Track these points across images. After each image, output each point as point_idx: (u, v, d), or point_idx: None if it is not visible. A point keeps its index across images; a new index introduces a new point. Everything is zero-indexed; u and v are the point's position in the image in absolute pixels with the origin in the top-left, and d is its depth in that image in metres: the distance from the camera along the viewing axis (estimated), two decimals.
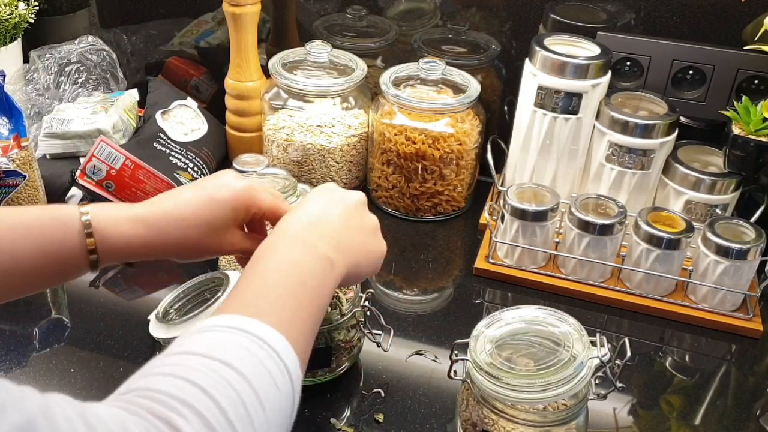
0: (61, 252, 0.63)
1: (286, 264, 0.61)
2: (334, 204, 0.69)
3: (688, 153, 1.05)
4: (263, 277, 0.60)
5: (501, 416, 0.72)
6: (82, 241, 0.63)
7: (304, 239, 0.64)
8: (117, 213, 0.65)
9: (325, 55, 1.17)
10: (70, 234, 0.63)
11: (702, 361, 0.95)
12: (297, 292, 0.59)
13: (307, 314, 0.59)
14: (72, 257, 0.63)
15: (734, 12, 1.05)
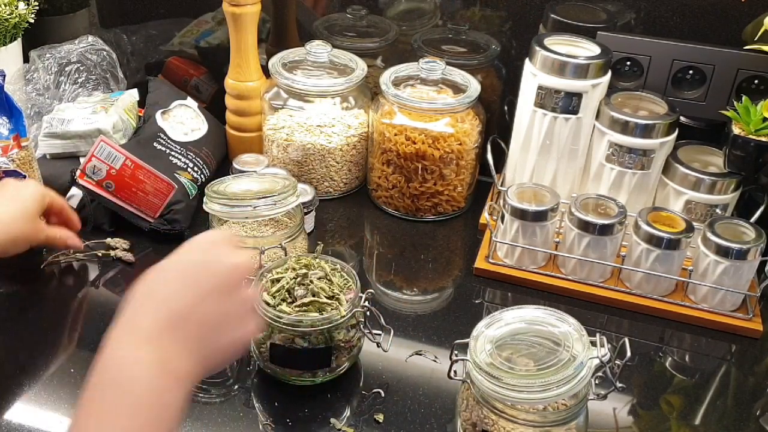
0: None
1: (135, 389, 0.53)
2: (207, 295, 0.58)
3: (688, 153, 1.05)
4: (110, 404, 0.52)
5: (501, 416, 0.72)
6: None
7: (161, 356, 0.54)
8: None
9: (325, 55, 1.17)
10: None
11: (702, 361, 0.95)
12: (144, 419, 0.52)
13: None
14: None
15: (734, 12, 1.05)
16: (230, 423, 0.80)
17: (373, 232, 1.16)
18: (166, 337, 0.55)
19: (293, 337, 0.80)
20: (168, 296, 0.57)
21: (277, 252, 0.92)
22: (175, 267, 0.60)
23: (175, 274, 0.59)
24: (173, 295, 0.57)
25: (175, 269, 0.60)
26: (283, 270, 0.85)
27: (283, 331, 0.80)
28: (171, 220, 1.07)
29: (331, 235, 1.13)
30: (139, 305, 0.57)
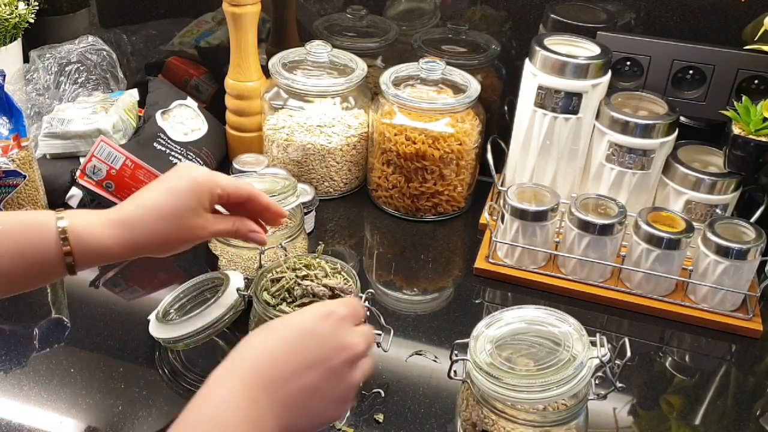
0: (39, 257, 0.66)
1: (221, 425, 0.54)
2: (313, 366, 0.59)
3: (688, 153, 1.05)
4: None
5: (501, 416, 0.72)
6: (58, 246, 0.66)
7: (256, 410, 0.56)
8: (91, 217, 0.68)
9: (325, 55, 1.17)
10: (47, 239, 0.66)
11: (702, 361, 0.95)
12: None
13: None
14: (49, 262, 0.66)
15: (734, 12, 1.05)
16: None
17: (373, 232, 1.16)
18: (262, 395, 0.56)
19: None
20: (274, 357, 0.59)
21: (277, 252, 0.92)
22: (291, 329, 0.61)
23: (288, 335, 0.60)
24: (279, 357, 0.59)
25: (290, 331, 0.61)
26: (284, 269, 0.86)
27: None
28: None
29: (331, 235, 1.13)
30: (247, 355, 0.59)
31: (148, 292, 1.01)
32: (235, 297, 0.86)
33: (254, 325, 0.83)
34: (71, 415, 0.80)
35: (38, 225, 0.66)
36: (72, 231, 0.66)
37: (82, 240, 0.67)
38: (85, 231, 0.67)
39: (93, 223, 0.68)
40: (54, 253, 0.66)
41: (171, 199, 0.70)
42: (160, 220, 0.70)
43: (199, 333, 0.85)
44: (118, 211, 0.70)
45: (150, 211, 0.70)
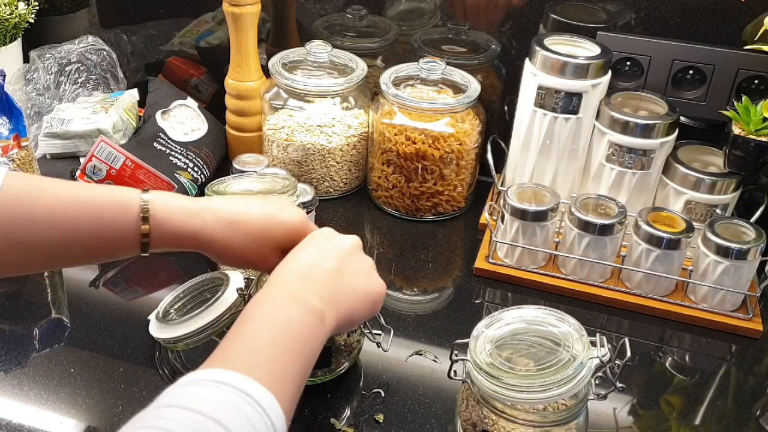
0: (117, 233, 0.67)
1: (276, 319, 0.61)
2: (326, 254, 0.69)
3: (688, 153, 1.05)
4: (253, 332, 0.60)
5: (501, 416, 0.72)
6: (137, 225, 0.67)
7: (295, 293, 0.64)
8: (176, 203, 0.70)
9: (325, 55, 1.17)
10: (128, 217, 0.67)
11: (702, 361, 0.95)
12: (286, 348, 0.60)
13: (295, 369, 0.59)
14: (126, 239, 0.68)
15: (734, 12, 1.05)
16: None
17: (373, 232, 1.16)
18: (299, 284, 0.65)
19: None
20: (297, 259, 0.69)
21: None
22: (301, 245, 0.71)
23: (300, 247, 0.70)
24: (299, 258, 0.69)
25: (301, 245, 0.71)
26: None
27: None
28: None
29: None
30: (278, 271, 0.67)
31: (148, 292, 1.01)
32: (235, 297, 0.86)
33: None
34: (71, 415, 0.81)
35: (123, 202, 0.67)
36: (154, 213, 0.68)
37: (161, 223, 0.68)
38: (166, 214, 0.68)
39: (177, 209, 0.69)
40: (132, 232, 0.67)
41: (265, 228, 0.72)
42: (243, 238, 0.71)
43: (199, 333, 0.85)
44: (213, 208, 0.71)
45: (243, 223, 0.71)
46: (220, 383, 0.54)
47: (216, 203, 0.72)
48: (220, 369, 0.55)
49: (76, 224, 0.66)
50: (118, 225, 0.67)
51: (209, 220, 0.70)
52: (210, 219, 0.70)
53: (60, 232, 0.65)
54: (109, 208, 0.67)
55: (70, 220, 0.65)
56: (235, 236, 0.71)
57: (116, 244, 0.68)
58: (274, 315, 0.62)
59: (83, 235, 0.66)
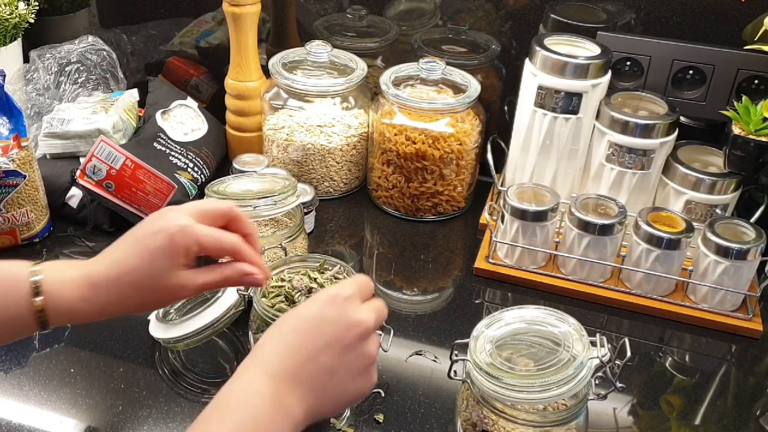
0: (9, 311, 0.63)
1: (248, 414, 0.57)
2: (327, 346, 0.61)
3: (688, 153, 1.05)
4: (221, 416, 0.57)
5: (501, 416, 0.72)
6: (30, 301, 0.63)
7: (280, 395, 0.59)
8: (65, 273, 0.65)
9: (325, 55, 1.17)
10: (19, 294, 0.63)
11: (702, 361, 0.95)
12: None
13: None
14: (20, 317, 0.64)
15: (734, 12, 1.05)
16: None
17: (373, 232, 1.16)
18: (283, 381, 0.59)
19: None
20: (289, 347, 0.61)
21: (277, 252, 0.92)
22: (302, 319, 0.63)
23: (299, 325, 0.62)
24: (294, 345, 0.61)
25: (302, 321, 0.63)
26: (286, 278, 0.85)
27: None
28: None
29: (331, 235, 1.13)
30: (266, 348, 0.61)
31: None
32: (235, 297, 0.86)
33: (254, 326, 0.83)
34: (71, 415, 0.81)
35: (12, 278, 0.64)
36: (45, 287, 0.64)
37: (54, 298, 0.64)
38: (57, 290, 0.64)
39: (65, 280, 0.65)
40: (26, 309, 0.64)
41: (145, 262, 0.65)
42: (133, 286, 0.65)
43: (199, 333, 0.85)
44: (94, 268, 0.66)
45: (123, 274, 0.65)
46: None
47: (97, 263, 0.67)
48: None
49: None
50: (9, 303, 0.63)
51: (97, 284, 0.65)
52: (98, 283, 0.65)
53: None
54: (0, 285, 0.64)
55: None
56: (124, 289, 0.66)
57: (11, 323, 0.64)
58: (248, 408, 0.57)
59: None
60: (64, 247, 1.06)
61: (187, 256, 0.67)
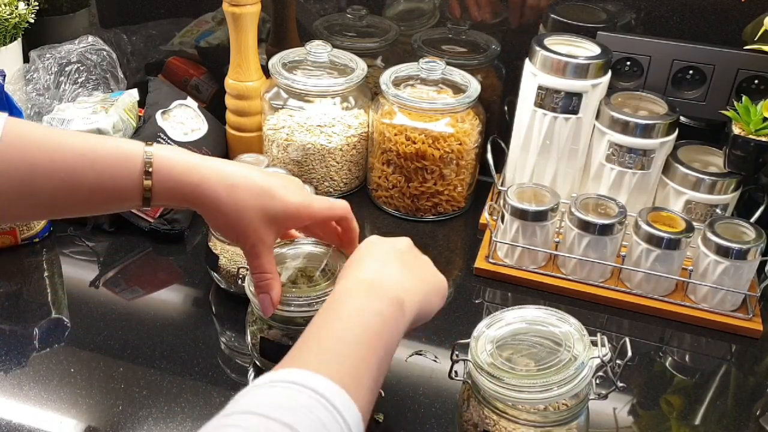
0: (118, 186, 0.67)
1: (353, 312, 0.61)
2: (387, 253, 0.71)
3: (688, 153, 1.05)
4: (330, 328, 0.60)
5: (502, 416, 0.72)
6: (140, 179, 0.67)
7: (372, 286, 0.65)
8: (178, 156, 0.69)
9: (325, 55, 1.17)
10: (131, 171, 0.67)
11: (702, 361, 0.95)
12: (364, 342, 0.59)
13: (373, 366, 0.59)
14: (128, 192, 0.68)
15: (734, 12, 1.05)
16: None
17: (373, 232, 1.15)
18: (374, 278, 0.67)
19: (282, 335, 0.80)
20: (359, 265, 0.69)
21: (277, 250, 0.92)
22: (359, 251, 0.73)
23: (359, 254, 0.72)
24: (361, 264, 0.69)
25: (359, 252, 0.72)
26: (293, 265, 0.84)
27: (273, 327, 0.80)
28: (171, 220, 1.07)
29: None
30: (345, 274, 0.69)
31: (148, 292, 1.00)
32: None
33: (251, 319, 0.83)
34: (71, 415, 0.80)
35: (126, 155, 0.67)
36: (157, 167, 0.68)
37: (163, 177, 0.68)
38: (168, 169, 0.68)
39: (179, 163, 0.69)
40: (136, 185, 0.67)
41: (259, 202, 0.71)
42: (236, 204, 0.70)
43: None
44: (215, 167, 0.70)
45: (232, 200, 0.70)
46: (292, 383, 0.53)
47: (219, 163, 0.71)
48: (294, 369, 0.54)
49: (76, 176, 0.65)
50: (120, 178, 0.67)
51: (210, 177, 0.69)
52: (210, 176, 0.69)
53: (60, 184, 0.65)
54: (112, 161, 0.67)
55: (70, 172, 0.65)
56: (232, 200, 0.69)
57: (118, 197, 0.68)
58: (352, 308, 0.62)
59: (84, 187, 0.66)
60: (64, 247, 1.06)
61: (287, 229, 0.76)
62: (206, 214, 0.72)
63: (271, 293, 0.74)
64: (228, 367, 0.88)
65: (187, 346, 0.90)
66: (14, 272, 1.01)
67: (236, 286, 0.95)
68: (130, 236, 1.08)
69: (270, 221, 0.72)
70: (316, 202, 0.75)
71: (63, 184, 0.65)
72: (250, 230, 0.71)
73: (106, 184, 0.67)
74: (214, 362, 0.89)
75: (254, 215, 0.71)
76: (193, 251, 1.07)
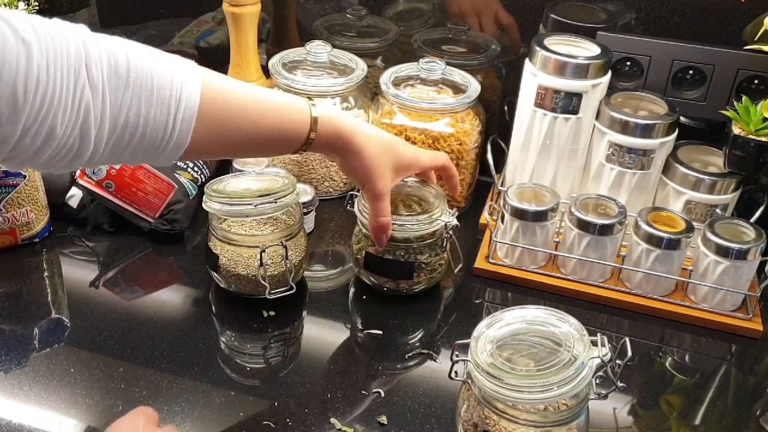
0: (291, 131, 0.80)
1: None
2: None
3: (688, 153, 1.06)
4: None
5: (502, 417, 0.72)
6: (307, 129, 0.81)
7: None
8: (332, 112, 0.84)
9: (325, 55, 1.17)
10: (303, 121, 0.81)
11: (702, 361, 0.95)
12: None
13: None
14: (296, 136, 0.81)
15: (734, 12, 1.05)
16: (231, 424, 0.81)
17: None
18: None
19: (384, 250, 0.95)
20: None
21: (277, 250, 0.92)
22: None
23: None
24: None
25: None
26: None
27: None
28: (171, 220, 1.07)
29: (331, 235, 1.13)
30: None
31: (148, 292, 1.01)
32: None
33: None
34: (71, 415, 0.80)
35: (298, 107, 0.81)
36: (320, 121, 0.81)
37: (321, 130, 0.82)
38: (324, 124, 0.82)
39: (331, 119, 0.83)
40: (303, 134, 0.81)
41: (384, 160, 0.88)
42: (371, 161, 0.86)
43: None
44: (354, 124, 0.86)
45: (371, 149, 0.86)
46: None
47: (354, 118, 0.89)
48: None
49: (263, 120, 0.77)
50: (293, 125, 0.80)
51: (354, 129, 0.85)
52: (354, 128, 0.85)
53: (250, 126, 0.76)
54: (289, 110, 0.80)
55: (258, 116, 0.77)
56: (371, 148, 0.86)
57: (288, 141, 0.81)
58: None
59: (267, 130, 0.78)
60: (64, 247, 1.06)
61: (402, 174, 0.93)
62: (346, 159, 0.86)
63: (387, 231, 0.90)
64: (228, 367, 0.88)
65: (187, 346, 0.90)
66: (14, 272, 1.01)
67: (236, 285, 0.95)
68: (130, 236, 1.08)
69: (393, 169, 0.89)
70: (422, 155, 0.94)
71: (252, 126, 0.76)
72: (378, 175, 0.87)
73: (285, 126, 0.79)
74: (214, 362, 0.89)
75: (385, 163, 0.87)
76: (193, 251, 1.07)
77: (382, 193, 0.88)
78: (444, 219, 0.96)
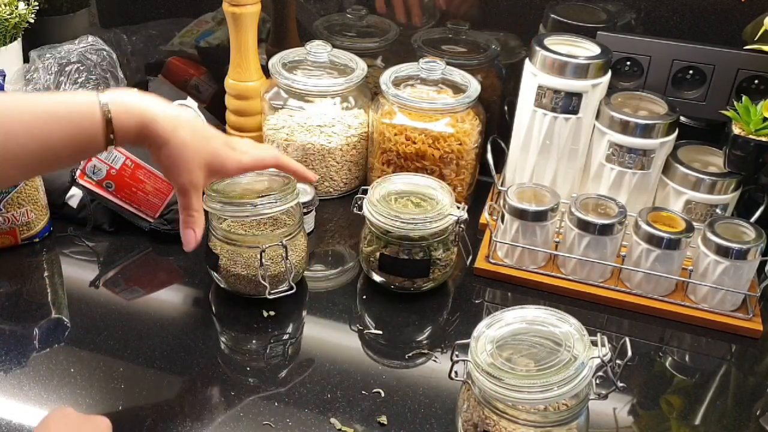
0: (84, 137, 0.74)
1: None
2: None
3: (688, 153, 1.05)
4: None
5: (502, 417, 0.72)
6: (103, 129, 0.74)
7: None
8: (130, 100, 0.76)
9: (325, 55, 1.17)
10: (95, 124, 0.73)
11: (702, 361, 0.95)
12: None
13: None
14: (95, 142, 0.74)
15: (734, 12, 1.05)
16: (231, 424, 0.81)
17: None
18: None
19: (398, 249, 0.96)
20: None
21: (277, 250, 0.92)
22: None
23: None
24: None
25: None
26: None
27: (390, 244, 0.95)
28: (171, 220, 1.07)
29: (331, 235, 1.13)
30: None
31: (148, 292, 1.01)
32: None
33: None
34: None
35: (86, 110, 0.73)
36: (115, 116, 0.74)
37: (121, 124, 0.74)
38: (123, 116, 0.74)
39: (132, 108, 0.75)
40: (100, 135, 0.74)
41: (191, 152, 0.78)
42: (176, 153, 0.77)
43: None
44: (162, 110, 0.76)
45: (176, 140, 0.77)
46: None
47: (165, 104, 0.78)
48: None
49: (51, 135, 0.72)
50: (84, 130, 0.73)
51: (158, 118, 0.76)
52: (158, 117, 0.76)
53: (36, 144, 0.71)
54: (77, 116, 0.73)
55: (44, 132, 0.71)
56: (177, 140, 0.76)
57: (85, 147, 0.75)
58: None
59: (57, 143, 0.72)
60: (64, 247, 1.06)
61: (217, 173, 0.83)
62: (155, 151, 0.77)
63: (196, 228, 0.82)
64: (228, 367, 0.88)
65: (187, 346, 0.90)
66: (14, 272, 1.01)
67: (236, 285, 0.95)
68: (130, 236, 1.08)
69: (206, 166, 0.80)
70: (245, 157, 0.84)
71: (38, 143, 0.71)
72: (184, 168, 0.78)
73: (76, 137, 0.73)
74: (214, 362, 0.89)
75: (198, 157, 0.79)
76: (193, 251, 1.07)
77: (186, 188, 0.80)
78: (455, 213, 0.96)
